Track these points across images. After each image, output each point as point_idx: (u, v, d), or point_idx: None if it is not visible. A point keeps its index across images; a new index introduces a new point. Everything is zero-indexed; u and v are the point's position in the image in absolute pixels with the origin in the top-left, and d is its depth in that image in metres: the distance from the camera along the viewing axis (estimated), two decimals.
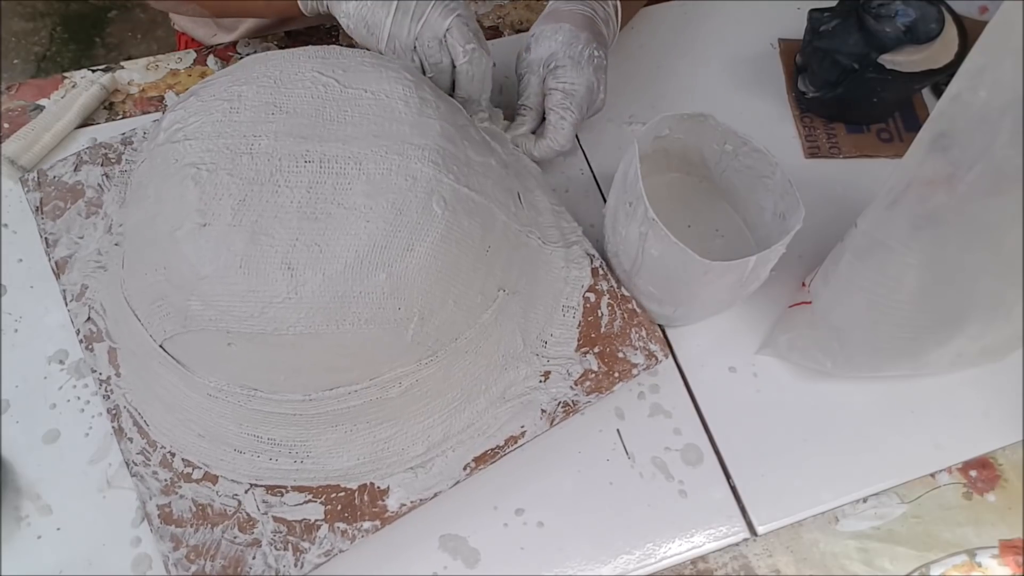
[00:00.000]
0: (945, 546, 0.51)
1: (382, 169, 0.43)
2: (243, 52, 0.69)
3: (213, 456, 0.48)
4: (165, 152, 0.45)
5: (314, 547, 0.46)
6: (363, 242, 0.42)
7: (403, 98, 0.46)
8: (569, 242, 0.56)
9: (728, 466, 0.52)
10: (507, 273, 0.49)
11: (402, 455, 0.48)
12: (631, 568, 0.49)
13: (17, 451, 0.51)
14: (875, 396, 0.55)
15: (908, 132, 0.66)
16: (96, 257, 0.54)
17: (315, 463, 0.47)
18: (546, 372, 0.51)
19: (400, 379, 0.46)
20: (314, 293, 0.41)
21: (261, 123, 0.45)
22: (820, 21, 0.62)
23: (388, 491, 0.48)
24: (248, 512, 0.47)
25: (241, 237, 0.41)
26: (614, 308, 0.54)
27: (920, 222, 0.42)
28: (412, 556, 0.49)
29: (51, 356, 0.54)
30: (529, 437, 0.49)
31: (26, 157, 0.61)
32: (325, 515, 0.47)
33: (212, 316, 0.42)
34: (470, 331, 0.47)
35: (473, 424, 0.49)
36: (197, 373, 0.46)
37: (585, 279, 0.54)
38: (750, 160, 0.54)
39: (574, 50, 0.58)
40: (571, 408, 0.50)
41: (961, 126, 0.38)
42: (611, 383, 0.51)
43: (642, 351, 0.52)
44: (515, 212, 0.51)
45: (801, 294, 0.55)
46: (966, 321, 0.47)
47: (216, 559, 0.46)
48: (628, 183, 0.50)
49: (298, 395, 0.45)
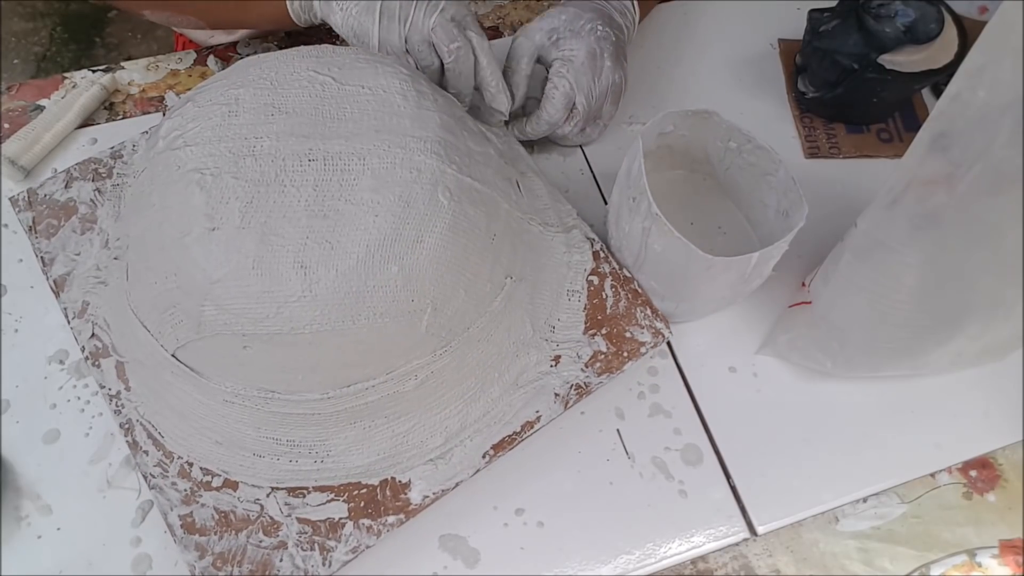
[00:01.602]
0: (945, 546, 0.51)
1: (386, 163, 0.43)
2: (243, 52, 0.69)
3: (232, 462, 0.48)
4: (166, 159, 0.44)
5: (341, 545, 0.46)
6: (373, 236, 0.42)
7: (401, 92, 0.47)
8: (567, 226, 0.56)
9: (728, 466, 0.52)
10: (513, 260, 0.50)
11: (421, 447, 0.48)
12: (631, 568, 0.49)
13: (17, 451, 0.51)
14: (875, 396, 0.55)
15: (908, 132, 0.66)
16: (95, 272, 0.54)
17: (335, 462, 0.48)
18: (556, 356, 0.52)
19: (416, 371, 0.46)
20: (328, 290, 0.41)
21: (261, 125, 0.45)
22: (820, 21, 0.62)
23: (410, 484, 0.48)
24: (271, 515, 0.47)
25: (251, 239, 0.41)
26: (618, 289, 0.54)
27: (920, 222, 0.42)
28: (412, 556, 0.49)
29: (51, 356, 0.54)
30: (545, 421, 0.50)
31: (26, 157, 0.61)
32: (349, 513, 0.47)
33: (227, 320, 0.42)
34: (481, 319, 0.48)
35: (489, 412, 0.50)
36: (212, 380, 0.46)
37: (587, 263, 0.55)
38: (754, 157, 0.54)
39: (576, 24, 0.57)
40: (583, 390, 0.51)
41: (961, 126, 0.38)
42: (621, 362, 0.52)
43: (648, 329, 0.53)
44: (516, 200, 0.52)
45: (801, 294, 0.55)
46: (966, 321, 0.47)
47: (243, 564, 0.45)
48: (632, 179, 0.50)
49: (316, 394, 0.45)
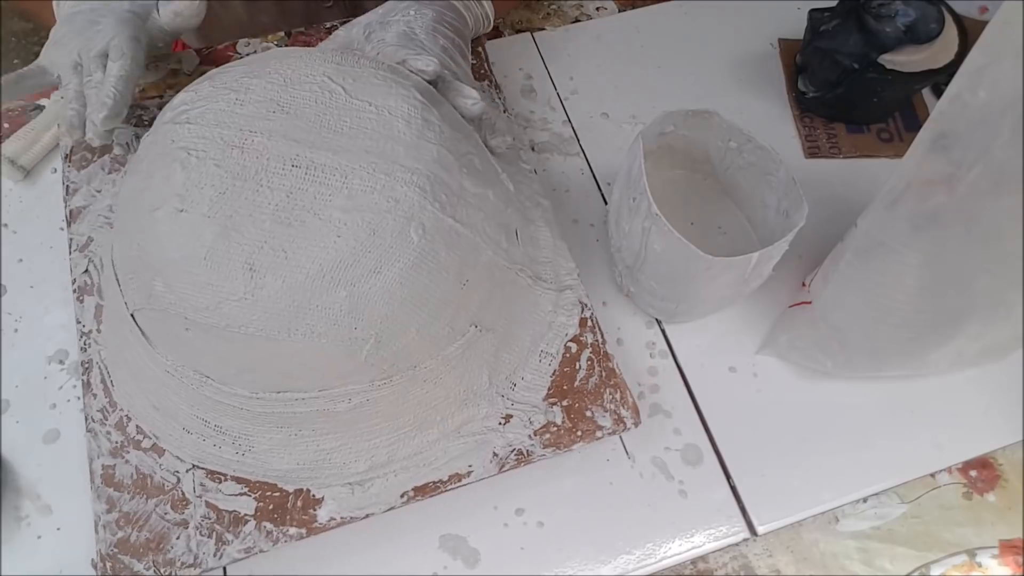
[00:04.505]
0: (945, 546, 0.51)
1: (366, 186, 0.42)
2: (243, 52, 0.69)
3: (163, 430, 0.49)
4: (166, 131, 0.45)
5: (237, 541, 0.46)
6: (330, 256, 0.41)
7: (406, 117, 0.45)
8: (562, 285, 0.54)
9: (728, 466, 0.52)
10: (484, 310, 0.48)
11: (343, 469, 0.48)
12: (631, 568, 0.49)
13: (17, 451, 0.51)
14: (875, 396, 0.55)
15: (908, 132, 0.66)
16: (107, 213, 0.56)
17: (256, 458, 0.47)
18: (508, 416, 0.49)
19: (350, 395, 0.45)
20: (271, 297, 0.41)
21: (260, 119, 0.44)
22: (820, 21, 0.62)
23: (322, 502, 0.47)
24: (184, 491, 0.47)
25: (212, 229, 0.41)
26: (594, 363, 0.51)
27: (920, 222, 0.42)
28: (412, 556, 0.49)
29: (51, 356, 0.54)
30: (474, 479, 0.48)
31: (26, 157, 0.61)
32: (256, 511, 0.47)
33: (172, 300, 0.42)
34: (432, 361, 0.46)
35: (421, 453, 0.48)
36: (158, 349, 0.47)
37: (571, 328, 0.52)
38: (754, 157, 0.54)
39: (389, 16, 0.55)
40: (524, 458, 0.48)
41: (961, 126, 0.37)
42: (572, 440, 0.49)
43: (612, 415, 0.50)
44: (506, 248, 0.49)
45: (801, 294, 0.55)
46: (966, 321, 0.47)
47: (143, 531, 0.46)
48: (632, 179, 0.50)
49: (246, 391, 0.45)
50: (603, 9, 0.75)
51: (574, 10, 0.75)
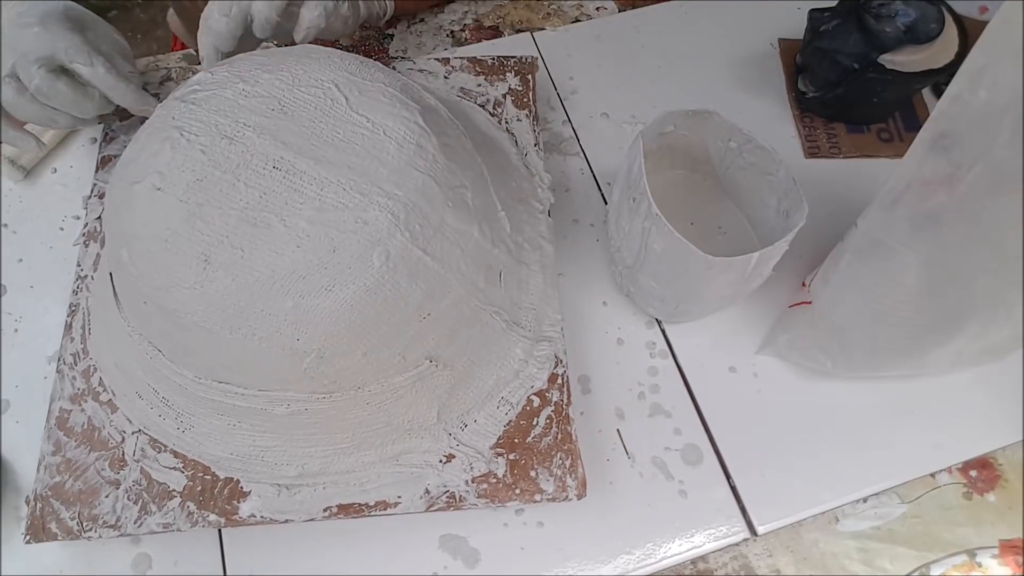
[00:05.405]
0: (945, 546, 0.51)
1: (338, 202, 0.42)
2: None
3: (120, 388, 0.49)
4: (172, 106, 0.46)
5: (159, 514, 0.46)
6: (285, 264, 0.41)
7: (399, 140, 0.44)
8: (541, 335, 0.51)
9: (728, 466, 0.52)
10: (444, 346, 0.47)
11: (274, 470, 0.47)
12: (631, 568, 0.49)
13: (17, 451, 0.51)
14: (875, 396, 0.55)
15: (908, 132, 0.66)
16: None
17: (194, 438, 0.48)
18: (450, 455, 0.48)
19: (288, 401, 0.45)
20: (218, 292, 0.41)
21: (257, 115, 0.44)
22: (820, 21, 0.62)
23: (248, 496, 0.47)
24: (124, 452, 0.48)
25: (180, 214, 0.42)
26: (552, 423, 0.49)
27: (920, 222, 0.42)
28: (412, 556, 0.49)
29: (51, 356, 0.54)
30: (400, 511, 0.47)
31: (26, 157, 0.61)
32: (184, 489, 0.47)
33: (132, 273, 0.43)
34: (377, 386, 0.46)
35: (354, 472, 0.47)
36: (124, 312, 0.48)
37: (539, 381, 0.50)
38: (754, 157, 0.54)
39: None
40: (455, 503, 0.47)
41: (961, 126, 0.37)
42: (508, 497, 0.47)
43: (556, 481, 0.47)
44: (483, 288, 0.48)
45: (801, 294, 0.55)
46: (966, 321, 0.47)
47: (79, 481, 0.47)
48: (632, 178, 0.50)
49: (190, 374, 0.46)
50: (603, 9, 0.75)
51: (574, 10, 0.75)
